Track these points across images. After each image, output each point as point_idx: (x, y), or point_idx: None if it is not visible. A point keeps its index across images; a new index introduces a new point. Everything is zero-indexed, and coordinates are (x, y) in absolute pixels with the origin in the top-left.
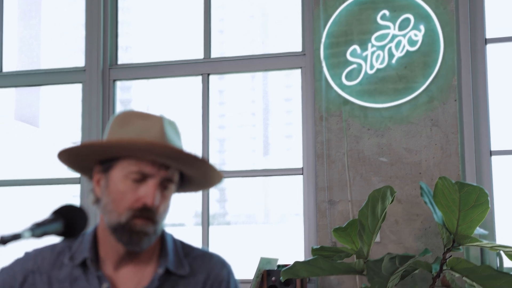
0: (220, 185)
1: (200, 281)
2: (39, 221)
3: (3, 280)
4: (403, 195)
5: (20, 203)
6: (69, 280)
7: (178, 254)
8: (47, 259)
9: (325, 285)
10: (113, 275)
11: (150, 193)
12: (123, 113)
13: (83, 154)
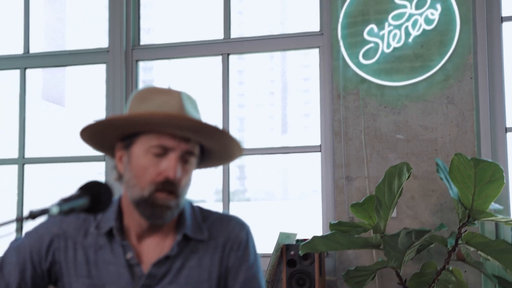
0: (240, 162)
1: (220, 244)
2: (65, 197)
3: (29, 243)
4: (419, 171)
5: (48, 180)
6: (94, 247)
7: (197, 219)
8: (72, 225)
9: (342, 259)
10: (137, 245)
11: (172, 166)
12: (143, 89)
13: (104, 131)
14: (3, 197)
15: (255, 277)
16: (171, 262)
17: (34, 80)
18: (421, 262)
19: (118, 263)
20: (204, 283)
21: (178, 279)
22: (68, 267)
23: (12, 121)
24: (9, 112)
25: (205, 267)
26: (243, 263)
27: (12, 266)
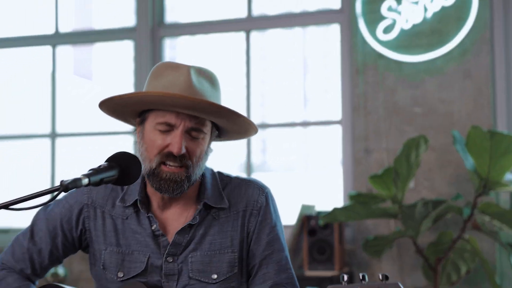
0: (262, 136)
1: (240, 210)
2: (95, 167)
3: (60, 212)
4: (436, 144)
5: (78, 153)
6: (121, 217)
7: (217, 187)
8: (101, 195)
9: (361, 228)
10: (161, 216)
11: (175, 142)
12: (158, 65)
13: (116, 109)
14: (36, 170)
15: (277, 238)
16: (194, 230)
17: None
18: (437, 231)
19: (144, 233)
20: (227, 249)
21: (202, 245)
22: (98, 235)
23: (44, 97)
24: (41, 89)
25: (227, 233)
26: (264, 227)
27: (43, 233)
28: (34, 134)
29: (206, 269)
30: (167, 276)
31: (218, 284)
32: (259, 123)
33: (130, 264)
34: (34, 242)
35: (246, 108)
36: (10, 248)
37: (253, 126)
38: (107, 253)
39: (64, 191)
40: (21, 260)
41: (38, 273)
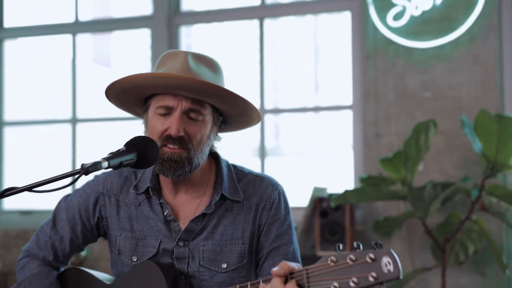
0: (275, 121)
1: (253, 203)
2: (114, 151)
3: (78, 202)
4: (445, 128)
5: (98, 138)
6: (135, 204)
7: (233, 180)
8: (115, 183)
9: (371, 210)
10: (173, 202)
11: (173, 124)
12: (162, 55)
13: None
14: (58, 154)
15: (286, 233)
16: (207, 219)
17: (84, 46)
18: (446, 213)
19: (157, 218)
20: (238, 240)
21: (214, 235)
22: (113, 222)
23: (65, 84)
24: (62, 76)
25: (239, 225)
26: (275, 221)
27: (63, 222)
28: (56, 119)
29: (216, 258)
30: (179, 259)
31: (227, 274)
32: (272, 108)
33: (143, 248)
34: (56, 231)
35: (259, 94)
36: (35, 237)
37: (253, 108)
38: (121, 239)
39: (85, 174)
40: (44, 248)
41: (60, 260)
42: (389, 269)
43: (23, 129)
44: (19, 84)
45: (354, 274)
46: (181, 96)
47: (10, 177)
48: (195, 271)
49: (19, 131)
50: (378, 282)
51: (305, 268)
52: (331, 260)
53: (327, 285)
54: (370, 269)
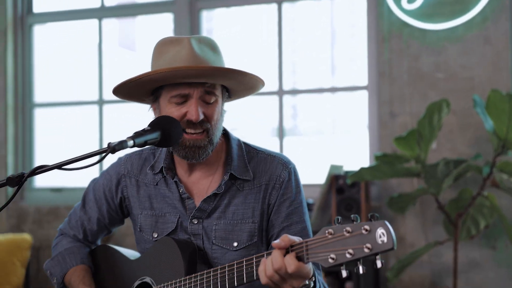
0: (293, 102)
1: (263, 183)
2: (139, 131)
3: (103, 183)
4: (457, 107)
5: (124, 118)
6: (153, 184)
7: (244, 159)
8: (135, 164)
9: (386, 187)
10: (187, 180)
11: (192, 110)
12: (158, 42)
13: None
14: (86, 134)
15: (297, 211)
16: (219, 198)
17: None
18: (458, 189)
19: (173, 196)
20: (248, 219)
21: (225, 214)
22: (134, 202)
23: (92, 67)
24: (89, 59)
25: (249, 204)
26: (285, 200)
27: (91, 202)
28: (83, 101)
29: (228, 237)
30: (194, 235)
31: (238, 252)
32: (290, 89)
33: (162, 225)
34: (85, 211)
35: (278, 76)
36: (68, 218)
37: (259, 80)
38: (142, 217)
39: (111, 152)
40: (75, 227)
41: (89, 239)
42: (383, 240)
43: (53, 111)
44: (49, 67)
45: (350, 246)
46: (195, 83)
47: (41, 156)
48: (208, 249)
49: (49, 112)
50: (373, 253)
51: (305, 240)
52: (328, 233)
53: (324, 257)
54: (366, 241)
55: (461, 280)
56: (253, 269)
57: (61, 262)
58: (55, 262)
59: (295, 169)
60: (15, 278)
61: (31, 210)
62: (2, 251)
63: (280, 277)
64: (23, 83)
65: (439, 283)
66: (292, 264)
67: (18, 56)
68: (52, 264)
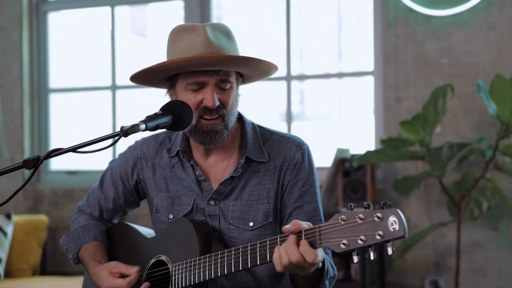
0: (300, 87)
1: (278, 164)
2: (151, 115)
3: (119, 165)
4: (462, 92)
5: (136, 103)
6: (169, 167)
7: (259, 142)
8: (151, 147)
9: (391, 170)
10: (203, 163)
11: (208, 96)
12: (173, 30)
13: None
14: (99, 119)
15: (309, 192)
16: (236, 181)
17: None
18: (461, 172)
19: (189, 179)
20: (264, 200)
21: (242, 195)
22: (150, 184)
23: (105, 53)
24: (102, 46)
25: (264, 186)
26: (298, 181)
27: (108, 183)
28: (97, 86)
29: (244, 217)
30: (210, 216)
31: (254, 231)
32: (297, 74)
33: (178, 207)
34: (102, 190)
35: (286, 62)
36: (86, 196)
37: (273, 66)
38: (158, 199)
39: (124, 135)
40: (92, 205)
41: (104, 217)
42: (395, 227)
43: (68, 96)
44: (63, 53)
45: (362, 232)
46: (211, 71)
47: (57, 140)
48: (225, 229)
49: (64, 98)
50: (384, 240)
51: (318, 226)
52: (341, 219)
53: (337, 242)
54: (377, 228)
55: (464, 260)
56: (266, 252)
57: (75, 238)
58: (70, 238)
59: (308, 150)
60: (32, 258)
61: (47, 192)
62: (19, 231)
63: (296, 266)
64: (39, 69)
65: (442, 263)
66: (312, 253)
67: (34, 43)
68: (67, 240)
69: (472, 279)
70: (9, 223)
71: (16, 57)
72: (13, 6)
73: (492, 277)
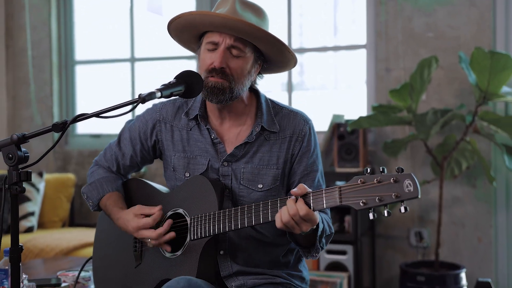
0: (300, 60)
1: (287, 135)
2: (166, 83)
3: (139, 125)
4: (445, 63)
5: (153, 74)
6: (186, 129)
7: (271, 113)
8: (170, 111)
9: (381, 133)
10: (219, 128)
11: (217, 57)
12: (217, 2)
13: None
14: (119, 88)
15: (314, 162)
16: (249, 146)
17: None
18: (444, 135)
19: (205, 141)
20: (273, 165)
21: (253, 159)
22: (168, 144)
23: (124, 28)
24: (122, 21)
25: (274, 153)
26: (306, 152)
27: (126, 141)
28: (118, 59)
29: (254, 179)
30: (223, 176)
31: (262, 192)
32: (297, 48)
33: (194, 166)
34: (120, 147)
35: (287, 37)
36: (103, 152)
37: (287, 47)
38: (175, 158)
39: (141, 102)
40: (109, 160)
41: (121, 172)
42: (410, 189)
43: (92, 67)
44: (87, 29)
45: (379, 193)
46: (226, 34)
47: (82, 106)
48: (235, 188)
49: (88, 69)
50: (400, 199)
51: (338, 186)
52: (360, 181)
53: (356, 201)
54: (394, 189)
55: (445, 213)
56: (268, 212)
57: (98, 187)
58: (93, 187)
59: (313, 125)
60: (62, 211)
61: (74, 153)
62: (50, 188)
63: (294, 222)
64: (66, 43)
65: (426, 217)
66: (304, 208)
67: (61, 20)
68: (89, 189)
69: (452, 231)
70: (41, 181)
71: (45, 32)
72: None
73: (470, 229)
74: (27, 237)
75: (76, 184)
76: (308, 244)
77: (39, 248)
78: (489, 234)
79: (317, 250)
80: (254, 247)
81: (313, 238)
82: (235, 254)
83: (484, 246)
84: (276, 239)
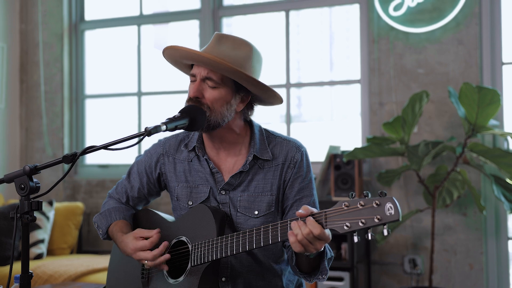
0: (298, 93)
1: (280, 162)
2: (171, 117)
3: (144, 160)
4: (435, 97)
5: (159, 109)
6: (187, 160)
7: (264, 142)
8: (172, 145)
9: (376, 164)
10: (216, 158)
11: (192, 88)
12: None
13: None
14: (127, 121)
15: (307, 187)
16: (244, 175)
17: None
18: (435, 165)
19: (204, 171)
20: (267, 192)
21: (249, 188)
22: (171, 176)
23: (132, 66)
24: (130, 59)
25: (268, 180)
26: (298, 177)
27: (134, 174)
28: (125, 93)
29: (250, 206)
30: (222, 204)
31: (258, 219)
32: (295, 82)
33: (196, 194)
34: (129, 180)
35: (285, 72)
36: (115, 186)
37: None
38: (179, 188)
39: (148, 135)
40: (120, 192)
41: (130, 203)
42: (391, 212)
43: (101, 101)
44: (97, 65)
45: (362, 216)
46: (200, 66)
47: (91, 138)
48: (233, 215)
49: (98, 102)
50: (381, 223)
51: (324, 210)
52: (344, 205)
53: (341, 224)
54: (376, 213)
55: (438, 241)
56: (278, 233)
57: (107, 216)
58: (102, 216)
59: (306, 152)
60: (70, 238)
61: (83, 183)
62: (60, 216)
63: (308, 241)
64: (77, 78)
65: (419, 244)
66: (317, 227)
67: (73, 56)
68: (99, 218)
69: (444, 257)
70: (51, 209)
71: (58, 68)
72: (56, 25)
73: (461, 256)
74: (37, 263)
75: (84, 212)
76: (310, 270)
77: (48, 274)
78: (480, 261)
79: (324, 271)
80: (254, 275)
81: (317, 261)
82: (236, 281)
83: (475, 272)
84: (276, 268)
